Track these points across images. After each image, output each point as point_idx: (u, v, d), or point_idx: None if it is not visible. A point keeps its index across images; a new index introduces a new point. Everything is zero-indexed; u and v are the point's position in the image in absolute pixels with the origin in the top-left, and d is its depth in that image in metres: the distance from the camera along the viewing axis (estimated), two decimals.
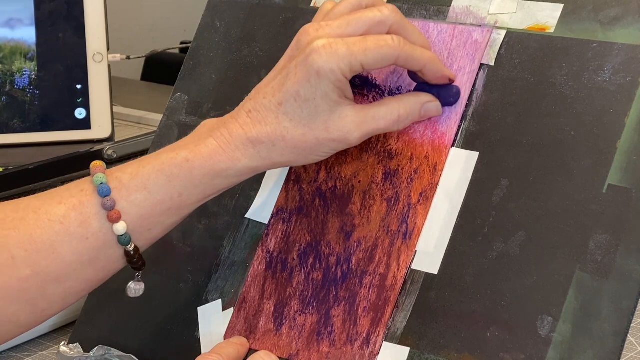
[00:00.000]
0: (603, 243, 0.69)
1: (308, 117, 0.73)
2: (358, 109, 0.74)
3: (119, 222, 0.72)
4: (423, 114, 0.76)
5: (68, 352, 0.84)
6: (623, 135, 0.71)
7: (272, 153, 0.74)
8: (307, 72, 0.72)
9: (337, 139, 0.73)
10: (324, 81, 0.72)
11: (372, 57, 0.72)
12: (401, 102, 0.76)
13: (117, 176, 0.73)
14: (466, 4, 0.80)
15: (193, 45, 0.91)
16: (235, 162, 0.73)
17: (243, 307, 0.79)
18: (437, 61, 0.76)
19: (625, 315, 0.67)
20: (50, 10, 1.25)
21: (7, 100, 1.24)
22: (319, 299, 0.77)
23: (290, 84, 0.73)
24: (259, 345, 0.77)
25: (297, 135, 0.73)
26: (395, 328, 0.73)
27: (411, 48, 0.74)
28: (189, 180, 0.73)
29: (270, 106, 0.73)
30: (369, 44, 0.72)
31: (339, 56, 0.72)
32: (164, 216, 0.74)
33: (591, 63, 0.74)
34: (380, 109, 0.75)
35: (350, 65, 0.72)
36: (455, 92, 0.77)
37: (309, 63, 0.72)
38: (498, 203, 0.73)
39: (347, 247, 0.77)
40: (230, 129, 0.74)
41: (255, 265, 0.80)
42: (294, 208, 0.80)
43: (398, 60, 0.74)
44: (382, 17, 0.74)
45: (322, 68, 0.72)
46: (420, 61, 0.75)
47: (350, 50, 0.72)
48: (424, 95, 0.77)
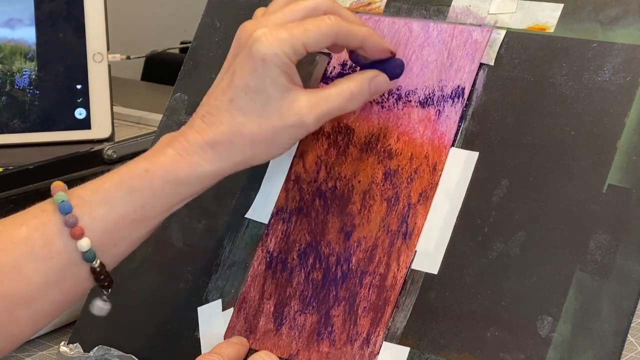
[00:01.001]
0: (603, 243, 0.69)
1: (261, 107, 0.73)
2: (309, 92, 0.74)
3: (83, 238, 0.71)
4: (373, 89, 0.77)
5: (68, 352, 0.84)
6: (623, 135, 0.71)
7: (231, 152, 0.73)
8: (253, 62, 0.72)
9: (293, 124, 0.73)
10: (270, 67, 0.72)
11: (313, 37, 0.73)
12: (350, 80, 0.76)
13: (78, 193, 0.73)
14: (466, 4, 0.80)
15: (193, 45, 0.91)
16: (195, 167, 0.73)
17: (243, 307, 0.79)
18: (374, 35, 0.77)
19: (625, 315, 0.67)
20: (50, 10, 1.25)
21: (7, 100, 1.24)
22: (319, 299, 0.77)
23: (238, 78, 0.73)
24: (259, 345, 0.77)
25: (253, 127, 0.73)
26: (395, 328, 0.73)
27: (348, 24, 0.75)
28: (150, 191, 0.73)
29: (222, 105, 0.73)
30: (308, 25, 0.74)
31: (281, 40, 0.72)
32: (128, 230, 0.73)
33: (591, 63, 0.74)
34: (331, 89, 0.75)
35: (293, 46, 0.73)
36: (399, 63, 0.78)
37: (253, 53, 0.72)
38: (498, 203, 0.73)
39: (347, 247, 0.77)
40: (187, 136, 0.74)
41: (255, 265, 0.80)
42: (294, 208, 0.80)
43: (338, 38, 0.75)
44: (315, 3, 0.75)
45: (267, 54, 0.72)
46: (358, 35, 0.76)
47: (290, 33, 0.73)
48: (370, 71, 0.77)
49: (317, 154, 0.81)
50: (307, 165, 0.81)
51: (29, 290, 0.72)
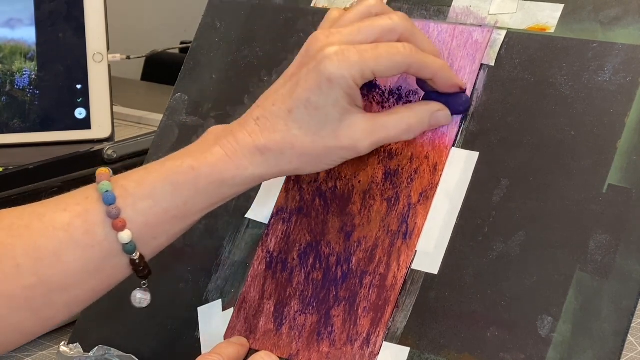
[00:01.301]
0: (603, 243, 0.69)
1: (318, 124, 0.72)
2: (368, 117, 0.73)
3: (124, 230, 0.71)
4: (433, 122, 0.76)
5: (68, 352, 0.84)
6: (623, 136, 0.71)
7: (280, 161, 0.73)
8: (318, 79, 0.71)
9: (347, 147, 0.73)
10: (335, 88, 0.71)
11: (384, 65, 0.72)
12: (411, 111, 0.75)
13: (122, 184, 0.72)
14: (466, 4, 0.80)
15: (193, 45, 0.91)
16: (242, 170, 0.73)
17: (243, 307, 0.79)
18: (447, 69, 0.75)
19: (625, 315, 0.67)
20: (50, 10, 1.25)
21: (7, 100, 1.24)
22: (319, 299, 0.77)
23: (301, 91, 0.72)
24: (259, 345, 0.77)
25: (306, 143, 0.72)
26: (395, 328, 0.73)
27: (423, 56, 0.73)
28: (194, 189, 0.72)
29: (280, 113, 0.72)
30: (381, 51, 0.72)
31: (351, 63, 0.71)
32: (169, 224, 0.73)
33: (591, 63, 0.74)
34: (390, 117, 0.74)
35: (362, 72, 0.71)
36: (464, 100, 0.76)
37: (320, 70, 0.71)
38: (498, 203, 0.73)
39: (347, 247, 0.77)
40: (237, 136, 0.73)
41: (255, 265, 0.80)
42: (294, 208, 0.80)
43: (410, 69, 0.73)
44: (392, 24, 0.73)
45: (334, 75, 0.71)
46: (431, 69, 0.74)
47: (362, 57, 0.71)
48: (433, 104, 0.76)
49: None
50: None
51: (67, 276, 0.72)
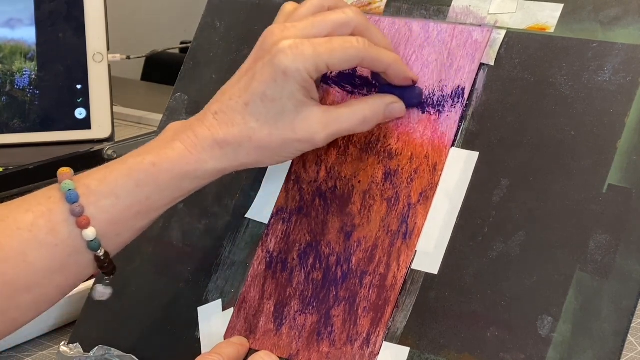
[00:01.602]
0: (603, 243, 0.69)
1: (274, 117, 0.73)
2: (324, 109, 0.75)
3: (89, 227, 0.72)
4: (387, 114, 0.77)
5: (68, 352, 0.84)
6: (623, 136, 0.71)
7: (238, 154, 0.74)
8: (274, 72, 0.72)
9: (303, 139, 0.74)
10: (290, 81, 0.72)
11: (338, 58, 0.73)
12: (366, 103, 0.76)
13: (85, 182, 0.73)
14: (466, 4, 0.80)
15: (193, 45, 0.91)
16: (202, 164, 0.73)
17: (243, 307, 0.79)
18: (400, 63, 0.77)
19: (625, 315, 0.67)
20: (50, 10, 1.25)
21: (7, 100, 1.24)
22: (319, 299, 0.77)
23: (257, 85, 0.73)
24: (259, 345, 0.77)
25: (263, 135, 0.73)
26: (395, 328, 0.73)
27: (376, 50, 0.75)
28: (156, 185, 0.73)
29: (237, 107, 0.74)
30: (335, 44, 0.73)
31: (305, 56, 0.72)
32: (132, 220, 0.74)
33: (591, 63, 0.74)
34: (345, 109, 0.76)
35: (316, 65, 0.73)
36: (418, 93, 0.78)
37: (275, 63, 0.72)
38: (498, 203, 0.73)
39: (347, 247, 0.77)
40: (196, 131, 0.74)
41: (255, 265, 0.80)
42: (294, 208, 0.80)
43: (363, 62, 0.75)
44: (346, 18, 0.74)
45: (289, 68, 0.72)
46: (384, 62, 0.75)
47: (316, 50, 0.72)
48: (388, 96, 0.77)
49: (317, 154, 0.81)
50: (307, 165, 0.81)
51: (33, 276, 0.72)
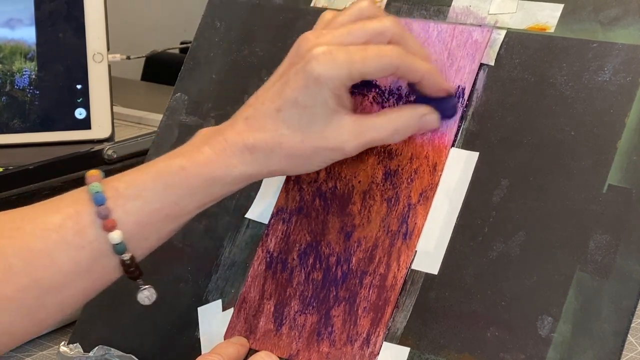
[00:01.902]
0: (603, 243, 0.69)
1: (306, 124, 0.72)
2: (356, 118, 0.74)
3: (114, 230, 0.71)
4: (421, 126, 0.76)
5: (68, 352, 0.84)
6: (623, 136, 0.71)
7: (269, 160, 0.73)
8: (306, 79, 0.72)
9: (334, 147, 0.73)
10: (323, 88, 0.71)
11: (372, 67, 0.72)
12: (400, 113, 0.76)
13: (113, 185, 0.73)
14: (466, 4, 0.80)
15: (193, 45, 0.91)
16: (232, 168, 0.73)
17: (243, 307, 0.79)
18: (436, 73, 0.76)
19: (625, 315, 0.67)
20: (50, 10, 1.25)
21: (7, 100, 1.24)
22: (319, 299, 0.77)
23: (290, 91, 0.72)
24: (259, 345, 0.77)
25: (294, 142, 0.73)
26: (395, 328, 0.73)
27: (411, 59, 0.74)
28: (185, 188, 0.73)
29: (269, 112, 0.73)
30: (369, 53, 0.72)
31: (339, 64, 0.71)
32: (159, 224, 0.73)
33: (591, 63, 0.74)
34: (378, 119, 0.75)
35: (350, 73, 0.72)
36: (452, 105, 0.76)
37: (308, 70, 0.71)
38: (498, 203, 0.73)
39: (347, 247, 0.77)
40: (226, 136, 0.73)
41: (255, 265, 0.80)
42: (294, 208, 0.80)
43: (398, 71, 0.73)
44: (382, 27, 0.73)
45: (322, 75, 0.71)
46: (419, 72, 0.74)
47: (350, 58, 0.72)
48: (422, 107, 0.76)
49: None
50: None
51: (59, 277, 0.72)
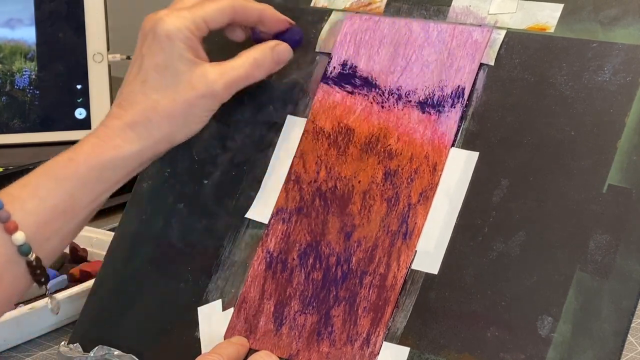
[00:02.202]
0: (603, 243, 0.69)
1: (172, 82, 0.76)
2: (216, 64, 0.78)
3: (17, 232, 0.73)
4: (276, 57, 0.81)
5: (68, 352, 0.84)
6: (623, 135, 0.71)
7: (150, 130, 0.76)
8: (159, 41, 0.76)
9: (205, 93, 0.77)
10: (175, 42, 0.76)
11: (211, 12, 0.78)
12: (253, 49, 0.81)
13: (7, 191, 0.74)
14: (466, 4, 0.80)
15: None
16: (118, 149, 0.75)
17: (243, 307, 0.79)
18: (271, 8, 0.82)
19: (625, 315, 0.67)
20: (50, 10, 1.25)
21: (7, 100, 1.24)
22: (319, 299, 0.77)
23: (148, 60, 0.77)
24: (259, 345, 0.77)
25: (167, 102, 0.76)
26: (395, 328, 0.73)
27: (244, 1, 0.80)
28: (76, 179, 0.75)
29: (136, 88, 0.77)
30: (206, 3, 0.78)
31: (182, 17, 0.77)
32: (59, 221, 0.75)
33: (591, 63, 0.74)
34: (236, 59, 0.79)
35: (194, 21, 0.77)
36: (297, 31, 0.83)
37: (157, 32, 0.77)
38: (498, 203, 0.73)
39: (347, 247, 0.77)
40: (106, 123, 0.77)
41: (255, 265, 0.80)
42: (294, 208, 0.80)
43: (236, 14, 0.80)
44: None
45: (170, 30, 0.76)
46: (255, 9, 0.81)
47: (190, 11, 0.78)
48: (271, 41, 0.82)
49: (317, 154, 0.81)
50: (307, 165, 0.81)
51: None
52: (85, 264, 1.03)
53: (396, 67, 0.80)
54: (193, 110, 0.77)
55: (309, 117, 0.82)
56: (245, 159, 0.84)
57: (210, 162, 0.85)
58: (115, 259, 0.86)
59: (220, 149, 0.85)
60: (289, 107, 0.84)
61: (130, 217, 0.87)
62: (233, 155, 0.84)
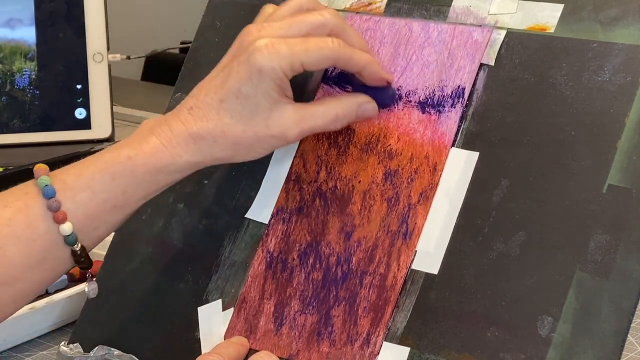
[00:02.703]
0: (603, 243, 0.69)
1: (249, 114, 0.74)
2: (297, 107, 0.76)
3: (65, 222, 0.73)
4: (360, 114, 0.78)
5: (68, 352, 0.84)
6: (623, 135, 0.71)
7: (213, 149, 0.75)
8: (249, 70, 0.74)
9: (276, 135, 0.75)
10: (265, 79, 0.74)
11: (313, 57, 0.74)
12: (339, 101, 0.78)
13: (61, 178, 0.74)
14: (466, 4, 0.80)
15: (193, 45, 0.91)
16: (177, 157, 0.75)
17: (243, 307, 0.79)
18: (375, 64, 0.78)
19: (625, 315, 0.67)
20: (50, 10, 1.25)
21: (7, 100, 1.24)
22: (319, 299, 0.77)
23: (232, 82, 0.74)
24: (259, 345, 0.77)
25: (237, 131, 0.74)
26: (395, 328, 0.73)
27: (350, 50, 0.76)
28: (132, 178, 0.74)
29: (212, 103, 0.75)
30: (310, 44, 0.74)
31: (281, 55, 0.73)
32: (108, 214, 0.75)
33: (591, 63, 0.74)
34: (318, 108, 0.77)
35: (291, 64, 0.74)
36: (391, 94, 0.79)
37: (251, 61, 0.74)
38: (498, 203, 0.73)
39: (347, 247, 0.77)
40: (171, 125, 0.75)
41: (255, 265, 0.80)
42: (294, 208, 0.80)
43: (338, 62, 0.76)
44: (323, 20, 0.76)
45: (264, 66, 0.73)
46: (359, 63, 0.77)
47: (291, 50, 0.74)
48: (361, 96, 0.79)
49: (317, 154, 0.81)
50: (308, 165, 0.81)
51: (12, 270, 0.73)
52: None
53: (396, 67, 0.80)
54: (259, 145, 0.76)
55: None
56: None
57: None
58: (115, 259, 0.87)
59: None
60: None
61: (130, 217, 0.87)
62: None
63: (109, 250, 0.87)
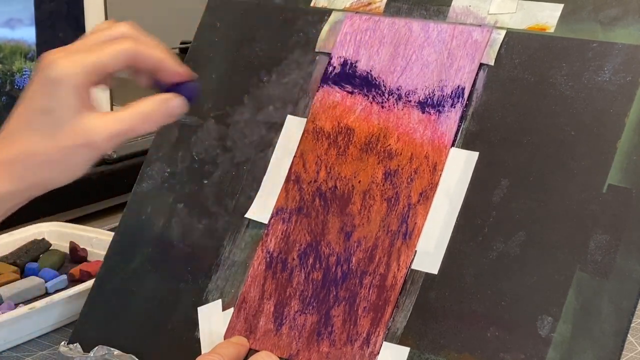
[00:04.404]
0: (603, 243, 0.69)
1: (53, 128, 0.73)
2: (103, 114, 0.75)
3: None
4: (170, 111, 0.78)
5: (68, 352, 0.84)
6: (623, 135, 0.71)
7: (24, 172, 0.74)
8: (46, 84, 0.73)
9: (84, 143, 0.74)
10: (62, 89, 0.73)
11: (108, 56, 0.74)
12: (145, 103, 0.77)
13: None
14: (466, 4, 0.80)
15: (193, 45, 0.91)
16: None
17: (243, 307, 0.79)
18: (170, 58, 0.78)
19: (625, 315, 0.67)
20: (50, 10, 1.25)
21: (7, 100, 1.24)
22: (319, 299, 0.77)
23: (34, 101, 0.74)
24: (259, 345, 0.77)
25: (46, 148, 0.73)
26: (395, 328, 0.73)
27: (144, 47, 0.76)
28: None
29: (19, 126, 0.74)
30: (105, 46, 0.75)
31: (75, 62, 0.73)
32: None
33: (591, 63, 0.74)
34: (124, 111, 0.76)
35: (86, 67, 0.73)
36: (193, 87, 0.79)
37: (46, 74, 0.73)
38: (498, 203, 0.73)
39: (347, 247, 0.77)
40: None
41: (255, 265, 0.80)
42: (294, 208, 0.80)
43: (136, 58, 0.76)
44: (117, 31, 0.76)
45: (58, 74, 0.73)
46: (153, 58, 0.77)
47: (85, 55, 0.74)
48: (166, 94, 0.78)
49: (317, 154, 0.81)
50: (307, 165, 0.81)
51: None
52: (85, 264, 1.03)
53: (396, 67, 0.80)
54: (71, 158, 0.74)
55: (309, 117, 0.82)
56: (245, 159, 0.84)
57: (210, 162, 0.85)
58: (115, 259, 0.87)
59: (220, 149, 0.85)
60: (289, 107, 0.84)
61: (130, 217, 0.87)
62: (233, 155, 0.85)
63: (109, 250, 0.87)
